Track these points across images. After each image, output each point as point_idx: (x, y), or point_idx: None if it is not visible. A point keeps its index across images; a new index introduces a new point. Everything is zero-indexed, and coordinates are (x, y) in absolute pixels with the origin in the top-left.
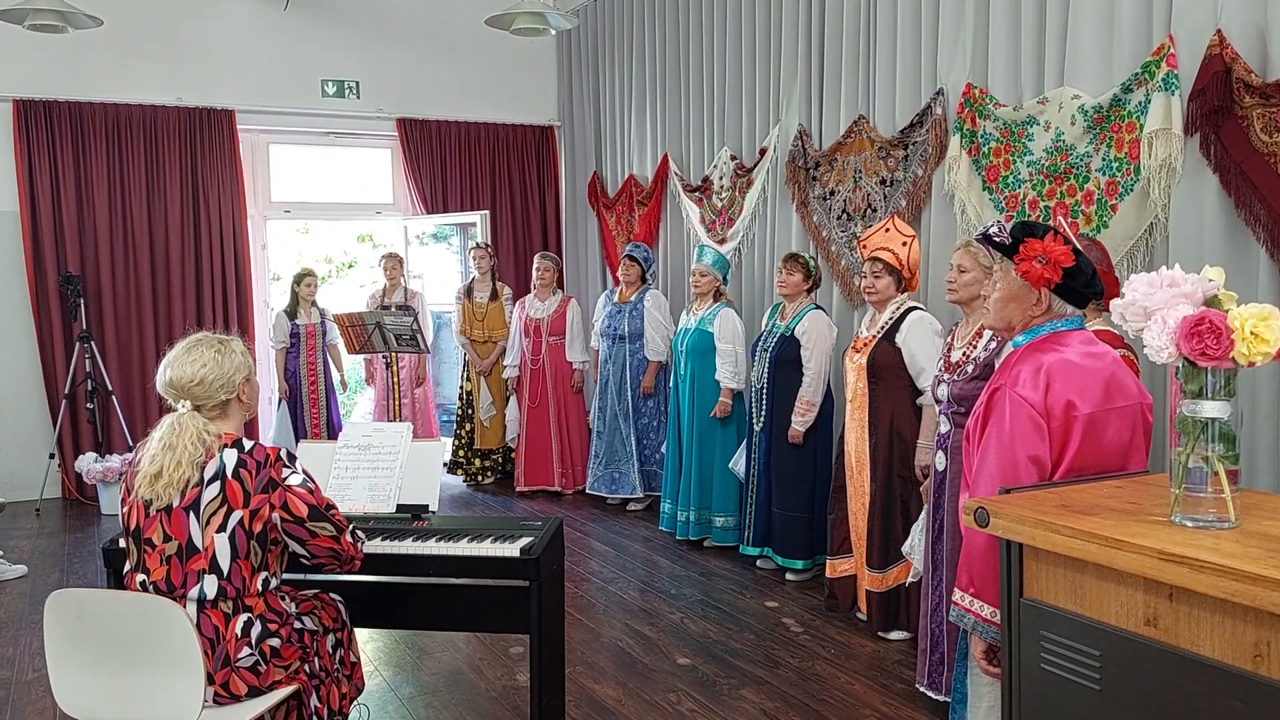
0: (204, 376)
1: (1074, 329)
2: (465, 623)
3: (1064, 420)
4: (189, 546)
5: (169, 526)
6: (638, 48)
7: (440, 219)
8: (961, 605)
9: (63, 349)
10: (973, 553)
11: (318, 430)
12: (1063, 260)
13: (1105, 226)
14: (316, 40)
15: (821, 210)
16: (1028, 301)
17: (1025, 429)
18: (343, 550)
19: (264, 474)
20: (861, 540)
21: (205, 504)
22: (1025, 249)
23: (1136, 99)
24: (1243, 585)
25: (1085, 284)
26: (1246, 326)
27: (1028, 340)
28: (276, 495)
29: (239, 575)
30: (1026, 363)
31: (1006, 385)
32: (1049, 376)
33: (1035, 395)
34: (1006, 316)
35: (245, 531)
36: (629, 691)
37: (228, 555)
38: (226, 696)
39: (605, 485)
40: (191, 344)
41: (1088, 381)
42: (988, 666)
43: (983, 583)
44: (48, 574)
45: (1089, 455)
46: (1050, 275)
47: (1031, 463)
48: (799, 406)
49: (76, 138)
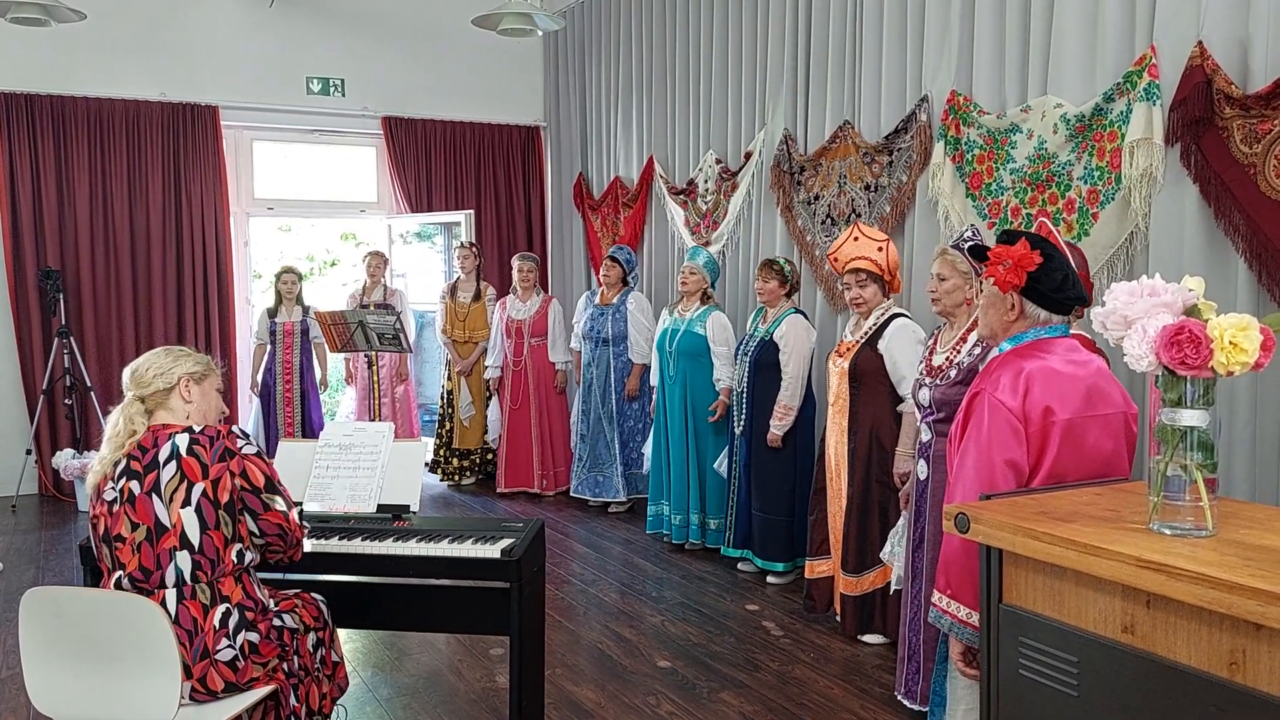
0: (146, 365)
1: (1059, 336)
2: (445, 624)
3: (1042, 426)
4: (157, 527)
5: (134, 515)
6: (624, 50)
7: (424, 218)
8: (939, 607)
9: (41, 344)
10: (950, 555)
11: (291, 429)
12: (1026, 264)
13: (1086, 234)
14: (302, 37)
15: (806, 215)
16: (1002, 307)
17: (1003, 433)
18: (289, 529)
19: (218, 445)
20: (839, 543)
21: (165, 483)
22: (992, 254)
23: (1118, 108)
24: (1219, 593)
25: (1055, 288)
26: (1225, 336)
27: (1012, 346)
28: (235, 463)
29: (211, 547)
30: (1008, 368)
31: (986, 389)
32: (1029, 382)
33: (1014, 400)
34: (988, 323)
35: (211, 501)
36: (608, 694)
37: (197, 529)
38: (204, 693)
39: (589, 489)
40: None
41: (1068, 388)
42: (965, 668)
43: (960, 585)
44: (23, 571)
45: (1068, 461)
46: (1014, 279)
47: (1008, 466)
48: (777, 410)
49: (58, 132)
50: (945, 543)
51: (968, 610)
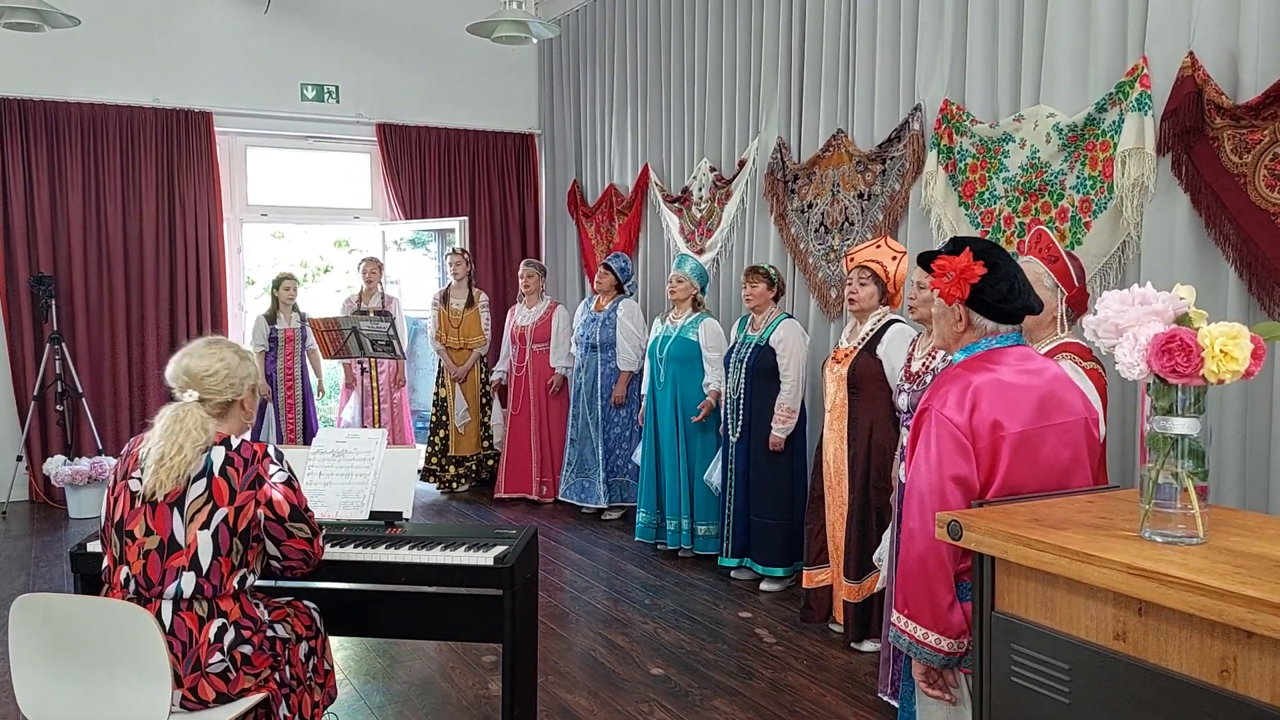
0: (219, 370)
1: (1010, 345)
2: (438, 631)
3: (991, 440)
4: (170, 543)
5: (151, 520)
6: (619, 58)
7: (418, 224)
8: (898, 626)
9: (33, 350)
10: (905, 572)
11: (293, 435)
12: (968, 276)
13: (1079, 243)
14: (297, 43)
15: (799, 223)
16: (950, 319)
17: (949, 449)
18: (313, 554)
19: (251, 470)
20: (839, 551)
21: (190, 501)
22: (936, 266)
23: (1110, 118)
24: (1210, 600)
25: (1000, 299)
26: (1216, 345)
27: (964, 357)
28: (263, 492)
29: (217, 573)
30: (956, 383)
31: (934, 405)
32: (975, 397)
33: (960, 416)
34: (940, 334)
35: (229, 529)
36: (601, 701)
37: (209, 552)
38: (194, 702)
39: (576, 493)
40: (213, 340)
41: (1020, 400)
42: (927, 689)
43: (916, 604)
44: (14, 578)
45: (1022, 474)
46: (957, 291)
47: (955, 483)
48: (779, 414)
49: (51, 137)
50: (900, 560)
51: (924, 630)
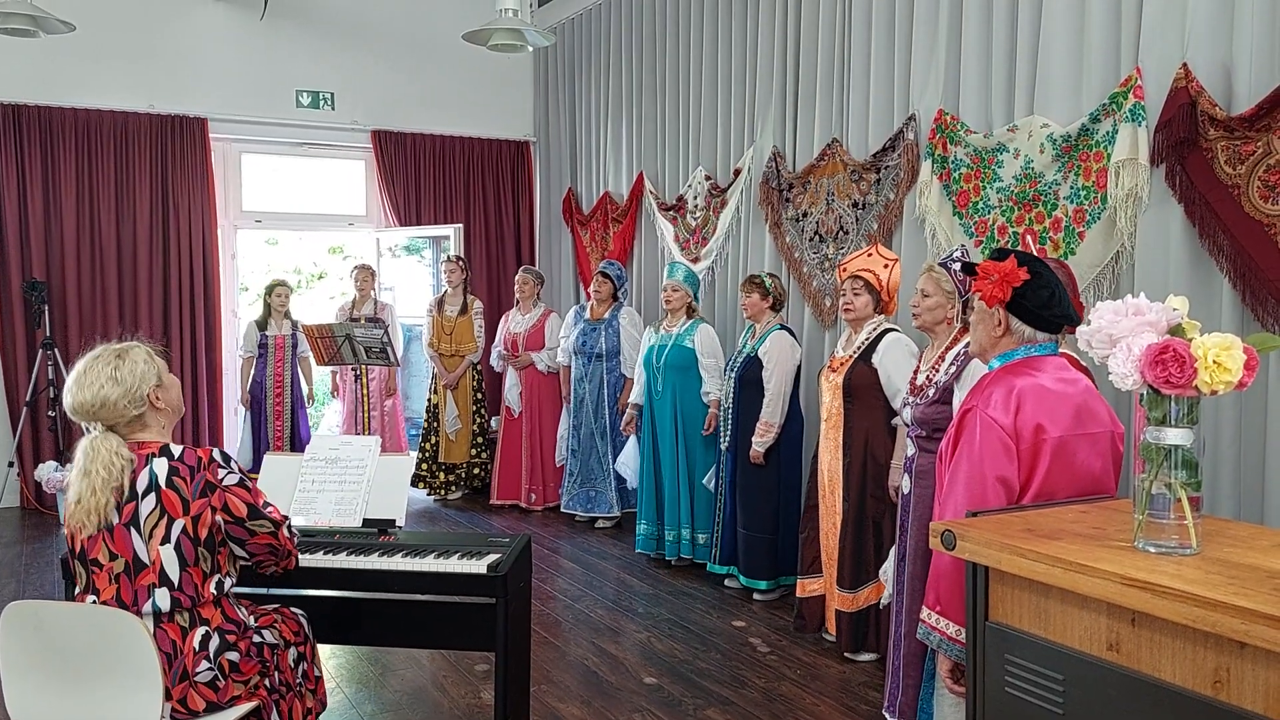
0: (105, 397)
1: (1048, 355)
2: (430, 639)
3: (1033, 443)
4: (135, 562)
5: (112, 544)
6: (614, 66)
7: (413, 231)
8: (928, 623)
9: (25, 355)
10: (940, 571)
11: (280, 443)
12: (1011, 279)
13: (1072, 253)
14: (292, 50)
15: (794, 231)
16: (990, 323)
17: (994, 450)
18: (280, 545)
19: (199, 478)
20: (833, 560)
21: (144, 518)
22: (980, 269)
23: (1104, 129)
24: (1203, 611)
25: (1041, 305)
26: (1209, 355)
27: (1002, 364)
28: (216, 497)
29: (190, 584)
30: (999, 385)
31: (979, 406)
32: (1020, 399)
33: (1005, 417)
34: (977, 339)
35: (191, 539)
36: (594, 710)
37: (176, 566)
38: (184, 713)
39: (580, 504)
40: (88, 363)
41: (1059, 406)
42: (953, 685)
43: (949, 601)
44: (4, 584)
45: (1059, 479)
46: (1000, 293)
47: (999, 483)
48: (758, 427)
49: (45, 142)
50: (935, 558)
51: (957, 627)
